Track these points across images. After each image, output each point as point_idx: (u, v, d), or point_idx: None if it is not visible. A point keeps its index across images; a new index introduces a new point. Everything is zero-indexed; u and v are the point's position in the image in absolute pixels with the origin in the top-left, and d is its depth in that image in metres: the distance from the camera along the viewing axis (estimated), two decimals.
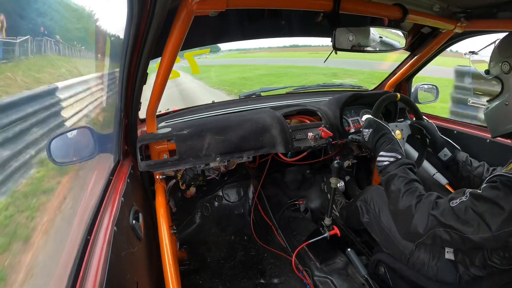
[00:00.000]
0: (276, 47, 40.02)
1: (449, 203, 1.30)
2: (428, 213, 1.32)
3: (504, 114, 1.40)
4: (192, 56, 2.57)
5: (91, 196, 1.67)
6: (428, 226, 1.32)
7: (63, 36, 7.49)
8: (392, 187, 1.52)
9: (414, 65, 2.66)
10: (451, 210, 1.28)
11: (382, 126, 1.77)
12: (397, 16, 1.65)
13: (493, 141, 2.23)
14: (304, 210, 3.05)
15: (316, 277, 2.30)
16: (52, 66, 7.05)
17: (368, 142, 1.80)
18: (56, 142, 1.59)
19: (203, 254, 2.77)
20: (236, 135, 2.06)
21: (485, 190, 1.26)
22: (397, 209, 1.46)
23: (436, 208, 1.32)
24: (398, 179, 1.50)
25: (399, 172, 1.53)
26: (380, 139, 1.73)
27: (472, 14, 1.88)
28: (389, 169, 1.58)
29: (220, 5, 1.21)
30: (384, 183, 1.59)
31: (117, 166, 1.87)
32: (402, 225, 1.45)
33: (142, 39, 1.38)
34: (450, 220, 1.26)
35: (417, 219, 1.35)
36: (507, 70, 1.34)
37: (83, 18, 8.63)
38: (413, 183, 1.48)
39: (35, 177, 3.59)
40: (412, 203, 1.39)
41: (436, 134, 2.03)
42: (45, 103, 5.03)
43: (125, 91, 1.71)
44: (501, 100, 1.40)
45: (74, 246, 1.21)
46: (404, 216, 1.41)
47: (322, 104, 2.58)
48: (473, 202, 1.25)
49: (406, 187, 1.46)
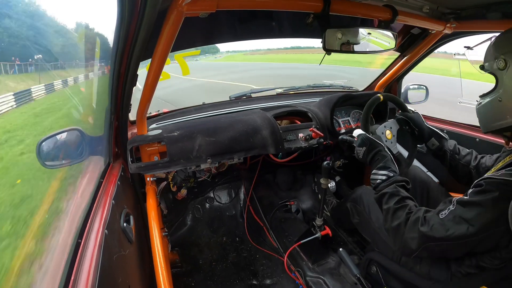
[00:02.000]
0: (276, 48, 39.77)
1: (438, 215, 1.33)
2: (418, 230, 1.34)
3: (497, 110, 1.42)
4: (182, 58, 2.56)
5: (81, 199, 1.66)
6: (419, 242, 1.34)
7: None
8: (384, 205, 1.54)
9: (404, 65, 2.68)
10: (441, 223, 1.30)
11: (375, 143, 1.78)
12: (387, 17, 1.66)
13: (482, 140, 2.26)
14: (296, 211, 3.05)
15: (309, 277, 2.31)
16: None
17: (363, 159, 1.81)
18: (45, 144, 1.57)
19: (195, 256, 2.76)
20: (227, 136, 2.06)
21: (471, 195, 1.28)
22: (389, 227, 1.49)
23: (425, 223, 1.34)
24: (390, 198, 1.53)
25: (390, 190, 1.55)
26: (374, 157, 1.74)
27: (461, 15, 1.90)
28: (381, 187, 1.60)
29: (210, 7, 1.21)
30: (377, 201, 1.62)
31: (107, 169, 1.86)
32: (395, 242, 1.47)
33: (132, 41, 1.37)
34: (440, 233, 1.28)
35: (408, 237, 1.38)
36: (502, 67, 1.36)
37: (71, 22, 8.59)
38: (404, 201, 1.50)
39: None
40: (401, 220, 1.42)
41: (423, 124, 2.04)
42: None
43: (115, 93, 1.70)
44: (495, 96, 1.41)
45: (65, 250, 1.20)
46: (396, 234, 1.44)
47: (313, 105, 2.59)
48: (461, 210, 1.27)
49: (396, 205, 1.48)
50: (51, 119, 6.63)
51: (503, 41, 1.41)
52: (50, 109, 7.56)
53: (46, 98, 7.94)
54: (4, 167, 4.57)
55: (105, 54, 1.78)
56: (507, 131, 1.45)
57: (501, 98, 1.38)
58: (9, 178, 3.99)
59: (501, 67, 1.36)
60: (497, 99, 1.40)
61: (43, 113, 7.19)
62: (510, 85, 1.34)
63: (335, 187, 3.00)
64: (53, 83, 8.34)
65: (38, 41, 6.92)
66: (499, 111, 1.42)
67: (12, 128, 6.03)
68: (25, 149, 4.81)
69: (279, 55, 38.07)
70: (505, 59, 1.34)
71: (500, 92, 1.38)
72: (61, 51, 7.82)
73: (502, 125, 1.41)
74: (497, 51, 1.39)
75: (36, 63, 7.55)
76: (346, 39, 1.72)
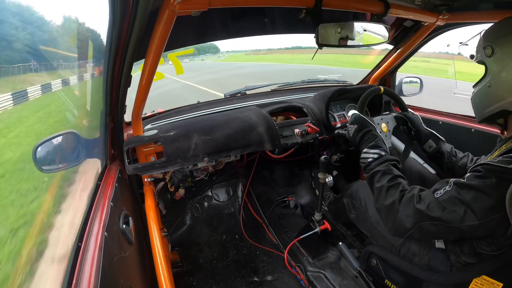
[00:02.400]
0: (277, 48, 39.64)
1: (434, 194, 1.32)
2: (413, 207, 1.34)
3: (487, 96, 1.44)
4: (176, 57, 2.55)
5: (80, 202, 1.66)
6: (413, 220, 1.33)
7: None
8: (376, 184, 1.53)
9: (398, 58, 2.69)
10: (436, 202, 1.29)
11: (367, 123, 1.78)
12: (379, 11, 1.66)
13: (478, 130, 2.27)
14: (294, 206, 3.05)
15: (309, 272, 2.31)
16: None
17: (353, 137, 1.81)
18: (41, 149, 1.57)
19: (195, 255, 2.76)
20: (223, 134, 2.06)
21: (469, 178, 1.27)
22: (381, 205, 1.48)
23: (421, 201, 1.34)
24: (382, 176, 1.52)
25: (382, 168, 1.54)
26: (364, 135, 1.74)
27: (453, 6, 1.91)
28: (373, 165, 1.59)
29: (202, 5, 1.21)
30: (368, 180, 1.61)
31: (104, 171, 1.85)
32: (388, 221, 1.46)
33: (125, 42, 1.36)
34: (436, 212, 1.28)
35: (402, 214, 1.37)
36: (490, 54, 1.39)
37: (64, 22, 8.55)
38: (397, 179, 1.49)
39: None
40: (395, 198, 1.41)
41: (421, 126, 2.05)
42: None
43: (110, 94, 1.69)
44: (485, 83, 1.43)
45: (66, 254, 1.20)
46: (389, 212, 1.43)
47: (308, 100, 2.59)
48: (457, 191, 1.26)
49: (389, 183, 1.48)
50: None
51: (490, 31, 1.44)
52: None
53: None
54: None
55: (98, 55, 1.77)
56: (499, 117, 1.46)
57: (490, 84, 1.41)
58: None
59: (489, 55, 1.40)
60: (487, 85, 1.42)
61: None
62: (497, 70, 1.37)
63: (332, 181, 3.01)
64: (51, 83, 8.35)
65: (30, 44, 6.90)
66: (489, 97, 1.43)
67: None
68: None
69: (271, 55, 38.11)
70: (492, 46, 1.38)
71: (489, 79, 1.41)
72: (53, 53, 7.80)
73: (493, 110, 1.42)
74: (485, 41, 1.42)
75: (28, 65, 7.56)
76: (340, 34, 1.73)
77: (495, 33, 1.41)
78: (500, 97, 1.38)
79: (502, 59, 1.35)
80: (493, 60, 1.39)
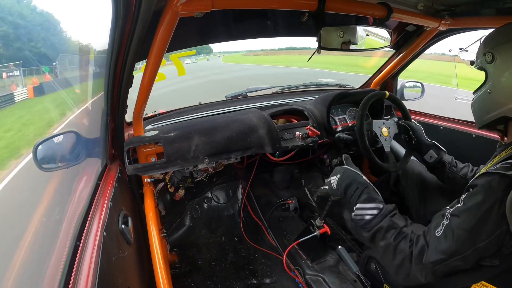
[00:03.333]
0: (270, 49, 39.39)
1: (435, 234, 1.29)
2: (422, 263, 1.30)
3: (487, 102, 1.44)
4: (178, 58, 2.55)
5: (78, 201, 1.65)
6: (427, 271, 1.30)
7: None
8: (380, 242, 1.45)
9: (400, 63, 2.69)
10: (440, 242, 1.27)
11: (350, 171, 1.68)
12: (381, 15, 1.66)
13: (479, 136, 2.27)
14: (294, 209, 3.05)
15: (308, 275, 2.31)
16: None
17: (337, 191, 1.67)
18: (42, 148, 1.57)
19: (194, 256, 2.76)
20: (224, 136, 2.06)
21: (465, 201, 1.26)
22: (391, 264, 1.42)
23: (428, 250, 1.30)
24: (386, 233, 1.44)
25: (385, 224, 1.45)
26: (350, 186, 1.61)
27: (455, 11, 1.91)
28: (374, 223, 1.48)
29: (205, 6, 1.21)
30: (370, 238, 1.50)
31: (104, 171, 1.85)
32: (399, 275, 1.41)
33: (127, 42, 1.36)
34: (445, 252, 1.25)
35: (415, 270, 1.33)
36: (490, 60, 1.39)
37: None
38: (402, 233, 1.42)
39: None
40: (405, 255, 1.36)
41: (423, 137, 2.03)
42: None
43: (111, 94, 1.69)
44: (485, 89, 1.43)
45: (64, 253, 1.20)
46: (400, 269, 1.38)
47: (309, 103, 2.59)
48: (456, 222, 1.24)
49: (396, 241, 1.40)
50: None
51: (490, 38, 1.44)
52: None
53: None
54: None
55: (100, 55, 1.77)
56: (499, 123, 1.46)
57: (490, 90, 1.41)
58: None
59: (489, 61, 1.40)
60: (487, 92, 1.42)
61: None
62: (497, 76, 1.37)
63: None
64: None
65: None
66: (489, 103, 1.43)
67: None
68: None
69: (264, 56, 37.96)
70: (492, 52, 1.38)
71: (489, 85, 1.41)
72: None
73: (493, 117, 1.42)
74: (485, 47, 1.43)
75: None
76: (342, 38, 1.73)
77: (495, 39, 1.41)
78: (500, 103, 1.37)
79: (502, 65, 1.35)
80: (493, 66, 1.39)
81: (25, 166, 5.43)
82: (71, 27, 8.40)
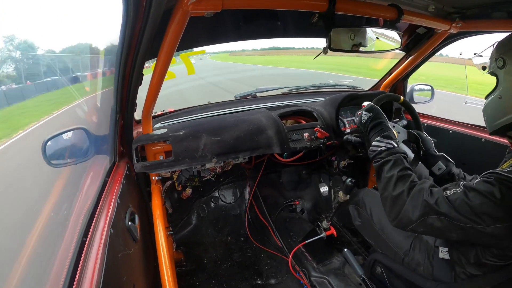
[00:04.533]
0: (252, 49, 39.05)
1: (444, 192, 1.31)
2: (422, 199, 1.32)
3: (498, 107, 1.43)
4: (187, 57, 2.56)
5: (86, 197, 1.66)
6: (420, 212, 1.32)
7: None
8: (386, 173, 1.51)
9: (410, 65, 2.67)
10: (445, 199, 1.28)
11: (382, 115, 1.75)
12: (392, 17, 1.65)
13: (488, 140, 2.25)
14: (301, 211, 3.05)
15: (313, 277, 2.30)
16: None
17: (364, 124, 1.77)
18: (51, 144, 1.57)
19: (199, 255, 2.77)
20: (232, 135, 2.06)
21: (478, 184, 1.26)
22: (389, 194, 1.45)
23: (431, 196, 1.32)
24: (393, 165, 1.50)
25: (394, 158, 1.52)
26: (377, 125, 1.71)
27: (467, 14, 1.89)
28: (384, 155, 1.56)
29: (215, 6, 1.21)
30: (377, 168, 1.58)
31: (112, 168, 1.86)
32: (392, 211, 1.44)
33: (138, 40, 1.37)
34: (444, 208, 1.26)
35: (409, 205, 1.35)
36: (501, 65, 1.38)
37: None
38: (407, 171, 1.47)
39: None
40: (404, 188, 1.39)
41: (431, 149, 2.00)
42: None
43: (121, 92, 1.70)
44: (496, 94, 1.42)
45: (70, 248, 1.20)
46: (396, 202, 1.41)
47: (318, 105, 2.58)
48: (466, 194, 1.25)
49: (400, 173, 1.46)
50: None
51: (502, 43, 1.43)
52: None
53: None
54: None
55: (110, 53, 1.78)
56: (509, 129, 1.45)
57: (500, 96, 1.40)
58: None
59: (500, 66, 1.39)
60: (497, 97, 1.41)
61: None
62: (507, 82, 1.36)
63: (327, 191, 3.01)
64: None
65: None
66: (499, 108, 1.42)
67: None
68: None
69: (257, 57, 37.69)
70: (503, 58, 1.38)
71: (500, 90, 1.40)
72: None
73: (503, 122, 1.41)
74: (497, 53, 1.42)
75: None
76: (352, 40, 1.72)
77: (506, 45, 1.40)
78: (510, 109, 1.36)
79: None
80: (504, 72, 1.38)
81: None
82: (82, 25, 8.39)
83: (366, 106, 1.83)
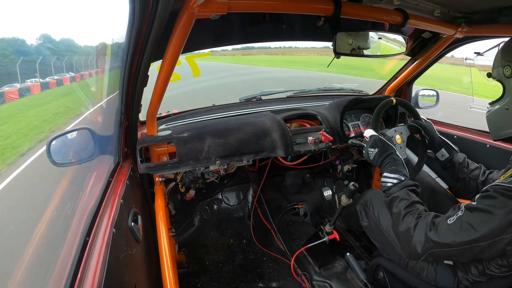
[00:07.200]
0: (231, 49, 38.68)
1: (447, 221, 1.32)
2: (425, 235, 1.34)
3: (505, 118, 1.41)
4: (193, 59, 2.57)
5: (89, 197, 1.66)
6: (425, 248, 1.34)
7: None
8: (394, 209, 1.53)
9: (415, 70, 2.66)
10: (448, 228, 1.29)
11: (387, 146, 1.77)
12: (397, 21, 1.65)
13: (493, 146, 2.24)
14: (304, 214, 3.04)
15: (315, 281, 2.30)
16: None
17: (373, 161, 1.79)
18: (56, 143, 1.58)
19: (202, 257, 2.77)
20: (236, 138, 2.07)
21: (478, 200, 1.26)
22: (398, 231, 1.48)
23: (433, 229, 1.34)
24: (400, 202, 1.52)
25: (400, 194, 1.54)
26: (385, 159, 1.72)
27: (472, 19, 1.89)
28: (392, 190, 1.58)
29: (221, 9, 1.21)
30: (387, 204, 1.61)
31: (116, 168, 1.87)
32: (404, 247, 1.46)
33: (144, 42, 1.38)
34: (447, 238, 1.28)
35: (416, 241, 1.37)
36: (509, 74, 1.35)
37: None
38: (414, 205, 1.49)
39: None
40: (411, 225, 1.41)
41: (434, 133, 2.03)
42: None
43: (126, 93, 1.71)
44: (502, 104, 1.41)
45: (73, 248, 1.21)
46: (405, 238, 1.43)
47: (323, 108, 2.58)
48: (467, 215, 1.26)
49: (406, 210, 1.47)
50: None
51: (510, 49, 1.40)
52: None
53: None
54: None
55: (116, 54, 1.79)
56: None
57: (508, 107, 1.38)
58: None
59: (508, 75, 1.36)
60: (504, 108, 1.39)
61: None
62: None
63: (331, 195, 3.01)
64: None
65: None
66: (506, 119, 1.41)
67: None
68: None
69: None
70: (511, 67, 1.34)
71: (507, 101, 1.38)
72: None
73: (510, 133, 1.40)
74: (504, 58, 1.39)
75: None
76: (357, 43, 1.72)
77: None
78: None
79: None
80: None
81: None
82: (88, 26, 8.45)
83: (368, 139, 1.85)
